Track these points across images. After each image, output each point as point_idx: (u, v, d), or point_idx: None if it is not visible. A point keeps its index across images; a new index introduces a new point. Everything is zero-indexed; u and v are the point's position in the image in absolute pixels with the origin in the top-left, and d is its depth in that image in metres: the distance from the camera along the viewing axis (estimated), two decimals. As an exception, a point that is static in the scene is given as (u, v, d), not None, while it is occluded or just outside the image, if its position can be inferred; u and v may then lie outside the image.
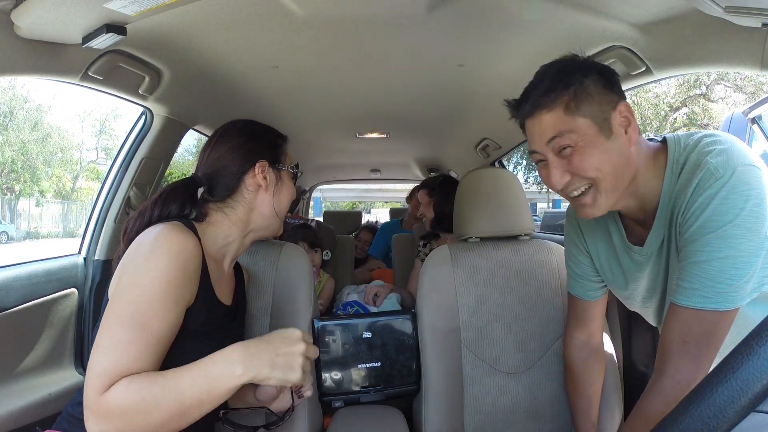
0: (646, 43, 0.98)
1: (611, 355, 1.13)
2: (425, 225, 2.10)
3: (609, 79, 0.76)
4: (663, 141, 0.80)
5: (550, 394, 1.14)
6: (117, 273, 0.72)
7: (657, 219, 0.80)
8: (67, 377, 1.30)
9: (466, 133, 2.20)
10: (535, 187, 17.13)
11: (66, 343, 1.33)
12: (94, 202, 1.52)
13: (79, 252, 1.45)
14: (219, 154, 0.88)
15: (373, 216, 11.64)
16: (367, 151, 2.82)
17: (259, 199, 0.88)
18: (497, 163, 2.45)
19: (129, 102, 1.30)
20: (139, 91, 1.24)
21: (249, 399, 0.91)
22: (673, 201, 0.76)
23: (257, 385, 0.88)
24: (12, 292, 1.15)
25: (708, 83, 11.23)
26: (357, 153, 2.86)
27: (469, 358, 1.14)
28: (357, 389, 1.18)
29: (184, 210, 0.84)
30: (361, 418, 1.14)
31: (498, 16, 1.00)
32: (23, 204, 17.69)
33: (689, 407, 0.32)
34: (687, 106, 11.61)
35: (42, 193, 18.00)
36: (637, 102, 11.81)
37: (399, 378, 1.19)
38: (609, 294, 1.34)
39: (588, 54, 1.10)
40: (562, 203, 19.43)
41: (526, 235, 1.26)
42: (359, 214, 4.50)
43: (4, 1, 0.80)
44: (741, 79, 10.28)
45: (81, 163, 20.83)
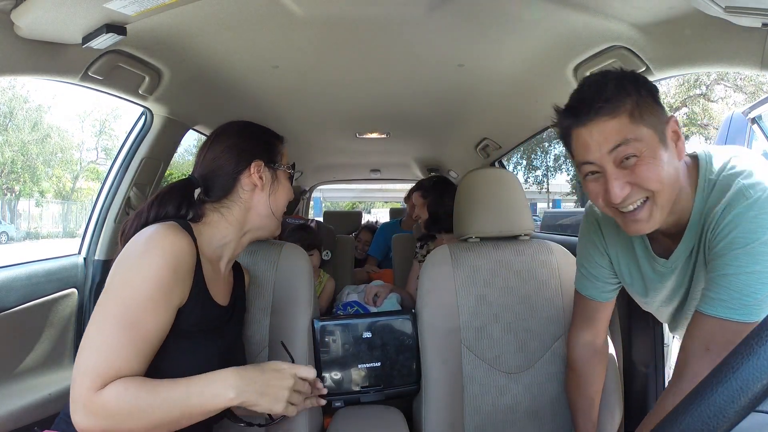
0: (646, 43, 0.98)
1: (611, 355, 1.13)
2: (420, 226, 2.10)
3: (657, 93, 0.75)
4: (693, 156, 0.80)
5: (550, 394, 1.14)
6: (111, 272, 0.73)
7: (686, 234, 0.80)
8: (67, 377, 1.29)
9: (466, 133, 2.20)
10: (535, 187, 17.17)
11: (66, 343, 1.33)
12: (94, 202, 1.52)
13: (79, 252, 1.45)
14: (215, 154, 0.88)
15: (373, 216, 11.64)
16: (367, 151, 2.82)
17: (256, 199, 0.89)
18: (497, 163, 2.44)
19: (129, 102, 1.30)
20: (139, 91, 1.24)
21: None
22: (704, 218, 0.77)
23: None
24: (12, 292, 1.15)
25: (708, 83, 11.23)
26: (357, 153, 2.86)
27: (469, 358, 1.14)
28: (357, 389, 1.18)
29: (180, 211, 0.84)
30: (361, 418, 1.14)
31: (498, 16, 1.00)
32: (23, 204, 17.69)
33: (689, 407, 0.32)
34: (687, 106, 11.62)
35: (42, 194, 18.01)
36: (637, 102, 11.81)
37: (399, 378, 1.19)
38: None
39: (588, 54, 1.11)
40: (562, 203, 19.46)
41: (526, 235, 1.26)
42: (359, 214, 4.50)
43: (4, 1, 0.80)
44: (741, 79, 10.29)
45: (81, 163, 20.83)
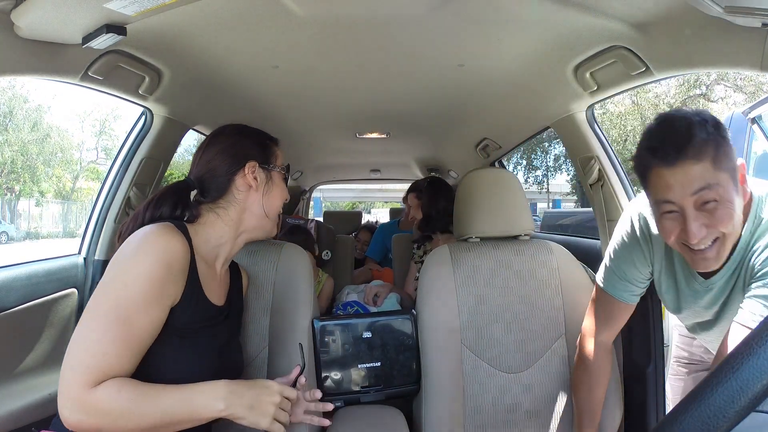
0: (646, 43, 0.98)
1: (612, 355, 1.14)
2: (415, 227, 2.11)
3: (728, 136, 0.77)
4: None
5: (550, 394, 1.14)
6: (105, 271, 0.75)
7: (731, 260, 0.84)
8: (67, 377, 1.30)
9: (466, 133, 2.20)
10: (535, 187, 17.16)
11: (66, 343, 1.30)
12: (94, 202, 1.52)
13: (79, 252, 1.45)
14: (210, 156, 0.90)
15: (373, 216, 11.64)
16: (367, 151, 2.82)
17: (250, 200, 0.89)
18: (497, 163, 2.44)
19: (129, 102, 1.30)
20: (139, 92, 1.24)
21: None
22: (749, 249, 0.82)
23: None
24: (12, 292, 1.15)
25: (708, 83, 11.24)
26: (357, 153, 2.86)
27: (469, 357, 1.14)
28: (357, 389, 1.18)
29: (175, 211, 0.86)
30: (361, 418, 1.14)
31: (498, 16, 1.00)
32: (23, 204, 17.69)
33: (689, 407, 0.32)
34: (687, 106, 11.61)
35: (42, 194, 18.00)
36: (637, 102, 11.82)
37: (399, 378, 1.19)
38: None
39: (588, 54, 1.11)
40: (562, 203, 19.45)
41: (526, 235, 1.26)
42: (359, 214, 4.50)
43: (4, 1, 0.80)
44: (741, 79, 10.29)
45: (81, 163, 20.84)
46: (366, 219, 5.53)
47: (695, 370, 1.33)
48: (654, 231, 0.93)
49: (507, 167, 2.93)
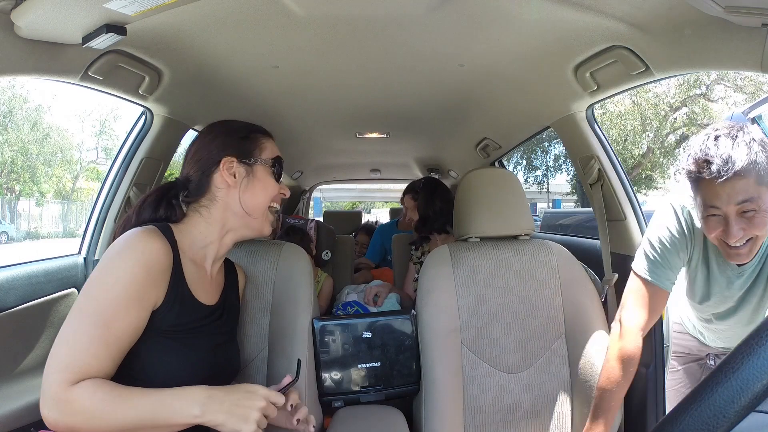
0: (646, 43, 0.97)
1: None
2: (412, 228, 2.11)
3: None
4: None
5: (550, 393, 1.14)
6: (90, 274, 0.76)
7: (758, 256, 1.01)
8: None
9: (466, 133, 2.20)
10: (535, 187, 17.15)
11: (66, 343, 1.32)
12: (94, 202, 1.52)
13: (79, 252, 1.45)
14: (191, 154, 0.90)
15: (373, 216, 11.64)
16: (367, 151, 2.81)
17: (230, 197, 0.87)
18: (497, 163, 2.44)
19: (129, 102, 1.30)
20: (139, 91, 1.24)
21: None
22: None
23: None
24: (12, 292, 1.15)
25: (708, 83, 11.24)
26: (357, 153, 2.85)
27: (469, 357, 1.14)
28: (357, 389, 1.18)
29: (157, 213, 0.86)
30: (361, 418, 1.14)
31: (498, 16, 1.00)
32: (23, 204, 17.70)
33: (689, 407, 0.32)
34: (687, 106, 11.62)
35: (42, 194, 18.00)
36: (637, 102, 11.82)
37: (399, 378, 1.19)
38: (608, 295, 1.34)
39: (588, 54, 1.11)
40: (561, 203, 19.45)
41: (526, 235, 1.26)
42: (359, 214, 4.51)
43: (4, 1, 0.80)
44: (741, 79, 10.29)
45: (81, 163, 20.84)
46: (366, 219, 5.54)
47: (687, 361, 1.42)
48: (697, 224, 1.05)
49: (507, 167, 2.93)
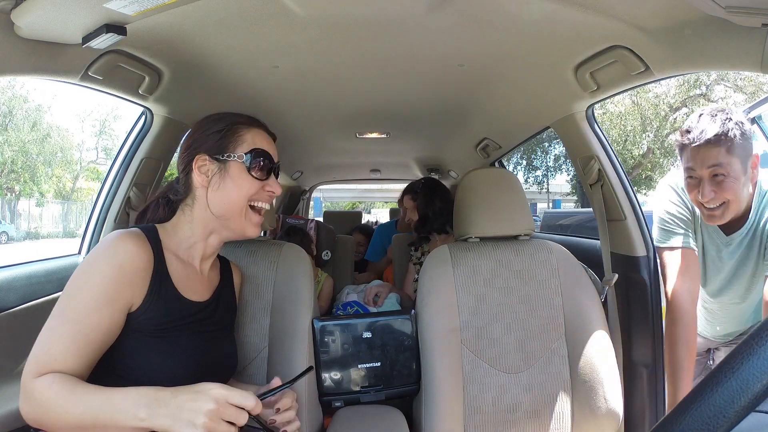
0: (646, 44, 0.97)
1: (612, 355, 1.13)
2: (412, 228, 2.11)
3: (748, 133, 1.07)
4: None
5: (549, 393, 1.14)
6: None
7: (745, 227, 1.17)
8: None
9: (466, 133, 2.20)
10: (535, 187, 17.15)
11: (66, 343, 1.32)
12: (94, 202, 1.52)
13: (79, 252, 1.45)
14: (178, 153, 0.91)
15: (373, 216, 11.64)
16: (367, 151, 2.81)
17: (208, 197, 0.85)
18: (497, 163, 2.44)
19: (129, 102, 1.30)
20: (139, 91, 1.24)
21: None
22: (761, 217, 1.15)
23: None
24: (12, 292, 1.15)
25: (708, 83, 11.23)
26: (357, 153, 2.85)
27: (469, 357, 1.14)
28: (357, 389, 1.18)
29: (156, 214, 0.89)
30: (361, 418, 1.14)
31: (498, 16, 1.00)
32: (23, 204, 17.70)
33: (689, 407, 0.32)
34: (687, 106, 11.61)
35: (42, 194, 18.00)
36: (637, 102, 11.81)
37: (399, 378, 1.19)
38: (608, 295, 1.34)
39: (588, 54, 1.11)
40: (561, 203, 19.44)
41: (526, 235, 1.26)
42: (359, 214, 4.50)
43: (4, 1, 0.80)
44: (741, 79, 10.29)
45: (81, 163, 20.84)
46: (366, 219, 5.53)
47: None
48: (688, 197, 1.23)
49: (507, 167, 2.93)
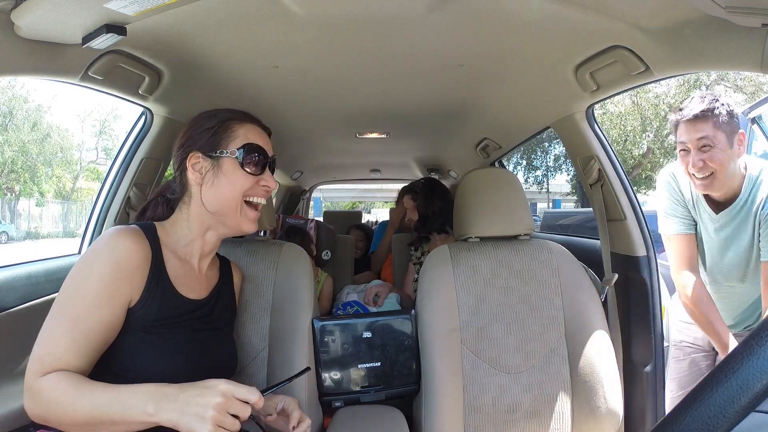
0: (646, 44, 0.97)
1: (612, 355, 1.13)
2: (412, 228, 2.10)
3: (735, 115, 1.23)
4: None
5: (550, 394, 1.14)
6: None
7: (734, 206, 1.29)
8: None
9: (466, 133, 2.20)
10: (535, 187, 17.15)
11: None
12: (94, 202, 1.52)
13: (79, 252, 1.45)
14: (173, 152, 0.90)
15: (373, 216, 11.64)
16: (367, 151, 2.82)
17: (202, 194, 0.85)
18: (497, 163, 2.44)
19: (129, 102, 1.30)
20: (139, 91, 1.24)
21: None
22: (752, 200, 1.26)
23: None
24: (12, 292, 1.15)
25: (708, 83, 11.23)
26: (357, 153, 2.86)
27: (469, 357, 1.14)
28: (357, 389, 1.18)
29: (155, 212, 0.90)
30: (361, 418, 1.14)
31: (498, 16, 1.00)
32: (23, 204, 17.70)
33: (689, 407, 0.32)
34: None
35: (42, 194, 18.00)
36: (637, 102, 11.81)
37: (399, 378, 1.19)
38: (608, 295, 1.34)
39: (588, 54, 1.11)
40: (561, 203, 19.44)
41: (526, 235, 1.26)
42: (359, 214, 4.50)
43: (4, 1, 0.80)
44: (741, 79, 10.29)
45: (81, 163, 20.84)
46: (366, 219, 5.53)
47: (692, 352, 1.53)
48: (681, 184, 1.39)
49: (507, 167, 2.93)
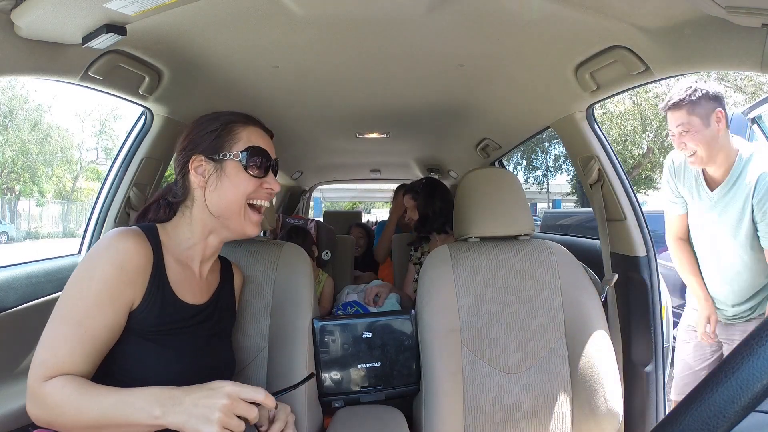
0: (646, 43, 0.97)
1: (612, 355, 1.13)
2: (412, 228, 2.10)
3: (711, 95, 1.44)
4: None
5: (550, 393, 1.14)
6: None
7: (726, 183, 1.49)
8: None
9: (466, 133, 2.20)
10: (535, 187, 17.15)
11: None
12: (94, 202, 1.52)
13: (79, 252, 1.45)
14: (174, 155, 0.90)
15: (373, 216, 11.64)
16: (367, 151, 2.82)
17: (206, 197, 0.85)
18: (497, 163, 2.44)
19: (129, 102, 1.30)
20: (139, 91, 1.24)
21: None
22: (742, 178, 1.45)
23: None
24: (12, 292, 1.15)
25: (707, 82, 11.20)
26: (357, 153, 2.86)
27: (469, 358, 1.14)
28: (357, 389, 1.18)
29: (157, 215, 0.88)
30: (361, 418, 1.14)
31: (498, 16, 1.00)
32: (23, 204, 17.70)
33: (689, 407, 0.32)
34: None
35: (42, 194, 18.01)
36: (637, 102, 11.81)
37: (399, 378, 1.19)
38: (608, 295, 1.34)
39: (588, 54, 1.11)
40: (561, 203, 19.44)
41: (526, 235, 1.26)
42: (359, 214, 4.50)
43: (4, 1, 0.80)
44: (741, 79, 10.27)
45: (81, 163, 20.85)
46: (366, 219, 5.53)
47: (697, 336, 1.65)
48: (676, 164, 1.63)
49: (507, 167, 2.93)
